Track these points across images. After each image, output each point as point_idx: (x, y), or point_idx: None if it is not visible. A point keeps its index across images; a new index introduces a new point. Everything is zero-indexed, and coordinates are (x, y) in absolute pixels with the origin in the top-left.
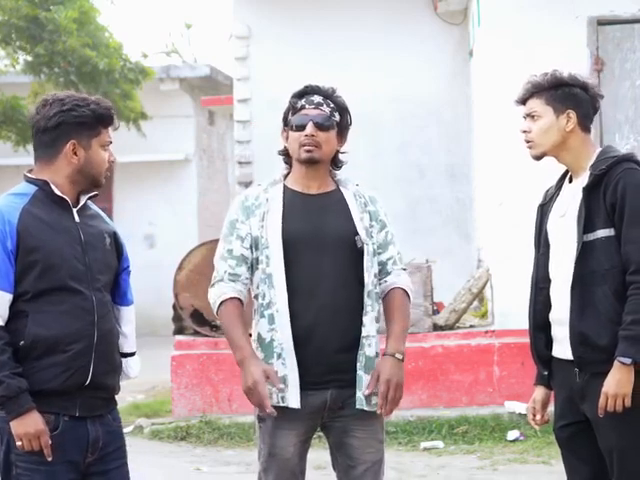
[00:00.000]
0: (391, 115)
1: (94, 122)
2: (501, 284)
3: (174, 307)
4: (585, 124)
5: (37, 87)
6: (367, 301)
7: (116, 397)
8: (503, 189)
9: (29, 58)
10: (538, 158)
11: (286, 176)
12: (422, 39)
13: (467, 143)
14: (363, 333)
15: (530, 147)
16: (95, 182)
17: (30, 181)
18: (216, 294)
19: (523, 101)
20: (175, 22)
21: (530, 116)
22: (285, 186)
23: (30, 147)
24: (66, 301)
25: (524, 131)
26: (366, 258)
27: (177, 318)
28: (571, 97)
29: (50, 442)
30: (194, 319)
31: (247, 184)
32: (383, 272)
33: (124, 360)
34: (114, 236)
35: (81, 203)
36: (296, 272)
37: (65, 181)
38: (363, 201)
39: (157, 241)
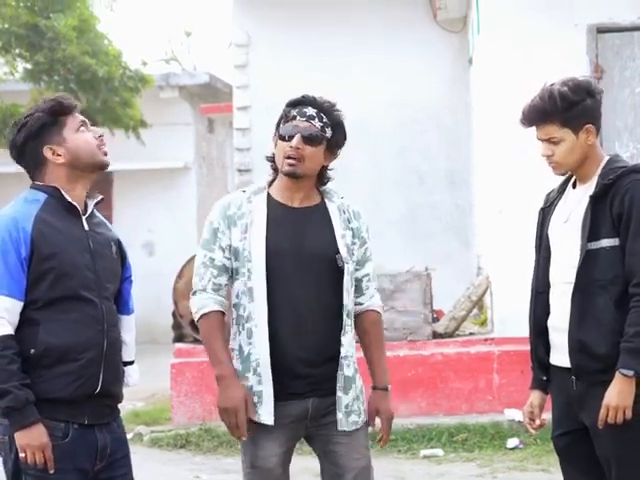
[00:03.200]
0: (391, 121)
1: (52, 118)
2: (501, 291)
3: (174, 315)
4: (598, 130)
5: (37, 95)
6: (346, 321)
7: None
8: (503, 196)
9: (29, 66)
10: (564, 174)
11: (271, 183)
12: (422, 46)
13: (467, 149)
14: (342, 353)
15: (554, 167)
16: (97, 164)
17: (39, 188)
18: (198, 304)
19: (532, 125)
20: (174, 30)
21: (549, 141)
22: (269, 196)
23: None
24: (77, 310)
25: (547, 155)
26: (346, 278)
27: (177, 326)
28: (585, 112)
29: (59, 451)
30: (194, 327)
31: None
32: (358, 289)
33: (124, 369)
34: (119, 244)
35: (89, 210)
36: (276, 287)
37: (69, 183)
38: (347, 217)
39: (156, 249)
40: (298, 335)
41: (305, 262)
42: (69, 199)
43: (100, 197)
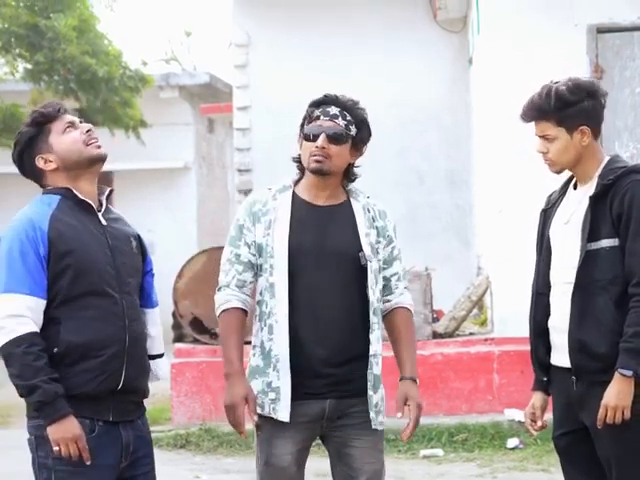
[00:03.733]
0: (391, 121)
1: (38, 129)
2: (501, 291)
3: (174, 315)
4: (598, 131)
5: (37, 95)
6: (373, 319)
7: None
8: (503, 196)
9: (29, 66)
10: (558, 173)
11: (297, 182)
12: (422, 46)
13: (467, 149)
14: (371, 352)
15: (549, 165)
16: (89, 159)
17: (51, 191)
18: (222, 299)
19: (530, 121)
20: (175, 30)
21: (544, 138)
22: (294, 194)
23: None
24: (97, 306)
25: (541, 152)
26: (370, 276)
27: (177, 326)
28: (581, 113)
29: (87, 446)
30: (194, 327)
31: (247, 191)
32: (387, 288)
33: (153, 362)
34: (139, 239)
35: (104, 205)
36: (298, 284)
37: (71, 184)
38: (372, 215)
39: (157, 248)
40: (319, 334)
41: (327, 260)
42: (82, 197)
43: (109, 189)
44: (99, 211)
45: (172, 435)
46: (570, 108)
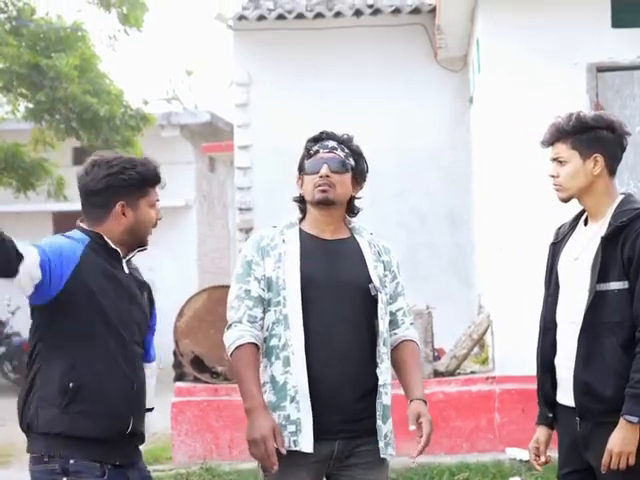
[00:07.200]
0: (391, 160)
1: (141, 184)
2: (502, 330)
3: (174, 354)
4: (612, 166)
5: (38, 134)
6: (382, 349)
7: None
8: (503, 235)
9: (30, 105)
10: (565, 201)
11: (301, 220)
12: (422, 85)
13: (467, 189)
14: (380, 382)
15: (558, 190)
16: (142, 242)
17: (83, 231)
18: (234, 336)
19: (549, 144)
20: (176, 69)
21: (557, 161)
22: (301, 229)
23: (30, 193)
24: (112, 349)
25: (552, 175)
26: (380, 306)
27: (177, 365)
28: (597, 140)
29: None
30: (194, 365)
31: (247, 230)
32: (393, 323)
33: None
34: (149, 291)
35: (130, 255)
36: (310, 316)
37: (114, 239)
38: (377, 250)
39: (157, 287)
40: (333, 366)
41: (338, 292)
42: (112, 245)
43: (144, 247)
44: (124, 258)
45: (173, 474)
46: (587, 133)
